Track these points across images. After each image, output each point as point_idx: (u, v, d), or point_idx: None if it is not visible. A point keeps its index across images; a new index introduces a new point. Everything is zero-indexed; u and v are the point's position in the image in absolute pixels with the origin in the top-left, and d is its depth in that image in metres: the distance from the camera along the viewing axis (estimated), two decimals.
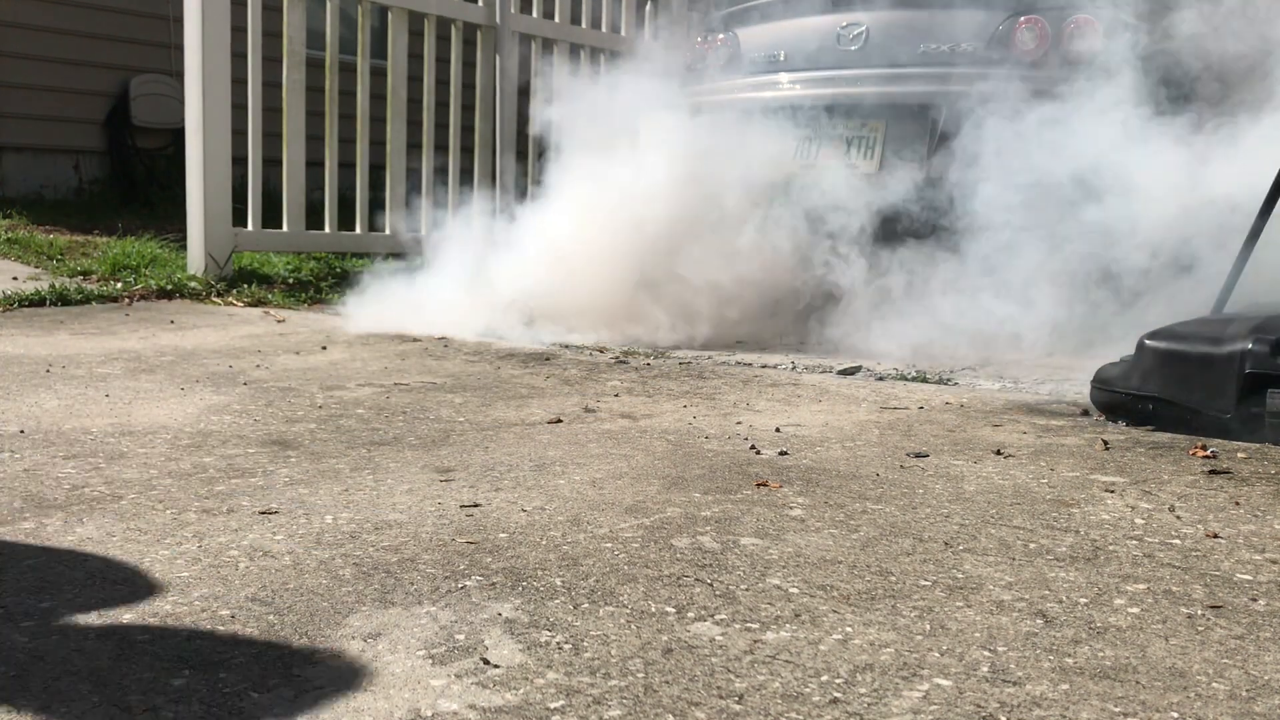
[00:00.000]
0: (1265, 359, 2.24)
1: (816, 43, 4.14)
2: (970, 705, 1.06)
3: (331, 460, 1.96)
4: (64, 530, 1.52)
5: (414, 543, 1.50)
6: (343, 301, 4.22)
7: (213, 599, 1.28)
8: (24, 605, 1.25)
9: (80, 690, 1.05)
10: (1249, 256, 2.65)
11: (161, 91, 7.36)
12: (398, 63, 5.15)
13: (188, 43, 4.37)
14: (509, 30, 5.60)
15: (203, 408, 2.37)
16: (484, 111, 5.62)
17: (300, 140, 4.80)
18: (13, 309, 3.86)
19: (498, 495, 1.75)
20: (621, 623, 1.24)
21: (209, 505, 1.66)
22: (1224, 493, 1.87)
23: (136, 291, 4.26)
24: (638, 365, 3.17)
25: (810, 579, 1.40)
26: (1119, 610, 1.32)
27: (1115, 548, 1.56)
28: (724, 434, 2.26)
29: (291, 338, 3.49)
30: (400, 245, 5.31)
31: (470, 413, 2.42)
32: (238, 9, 4.50)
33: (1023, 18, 3.77)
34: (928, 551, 1.52)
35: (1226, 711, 1.06)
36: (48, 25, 6.92)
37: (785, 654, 1.17)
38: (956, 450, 2.15)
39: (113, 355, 3.02)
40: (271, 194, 4.99)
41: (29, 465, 1.86)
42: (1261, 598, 1.37)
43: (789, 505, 1.73)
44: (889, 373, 3.13)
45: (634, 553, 1.48)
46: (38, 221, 5.90)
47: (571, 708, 1.04)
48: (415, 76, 5.23)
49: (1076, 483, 1.92)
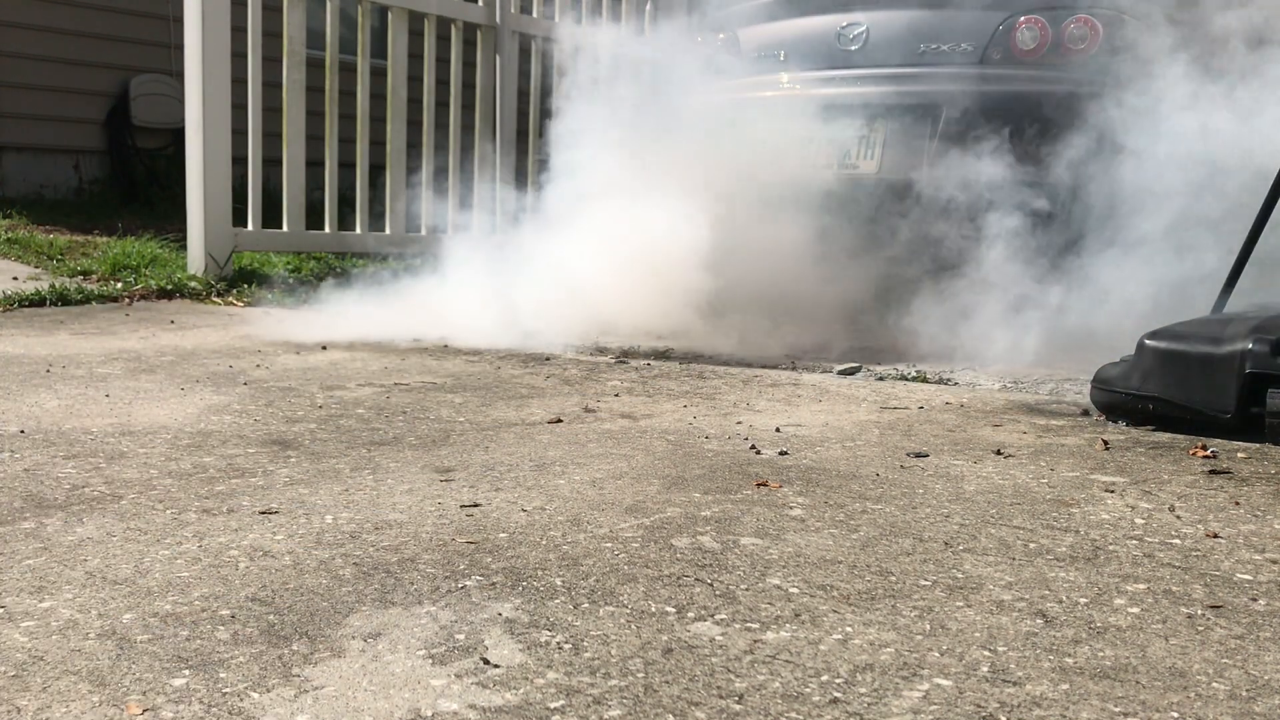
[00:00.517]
0: (1265, 359, 2.24)
1: (820, 42, 4.13)
2: (970, 705, 1.06)
3: (331, 460, 1.96)
4: (64, 530, 1.52)
5: (414, 543, 1.50)
6: (340, 301, 4.23)
7: (213, 599, 1.28)
8: (24, 605, 1.25)
9: (80, 690, 1.05)
10: (1249, 256, 2.65)
11: (161, 91, 7.36)
12: (398, 63, 5.15)
13: (188, 43, 4.37)
14: (509, 30, 5.60)
15: (203, 408, 2.37)
16: (484, 111, 5.63)
17: (300, 140, 4.80)
18: (13, 309, 3.86)
19: (498, 495, 1.75)
20: (621, 622, 1.24)
21: (209, 505, 1.66)
22: (1224, 493, 1.87)
23: (136, 291, 4.26)
24: (638, 365, 3.17)
25: (810, 579, 1.40)
26: (1119, 610, 1.32)
27: (1115, 548, 1.56)
28: (724, 434, 2.26)
29: (291, 337, 3.49)
30: (400, 245, 5.31)
31: (470, 413, 2.42)
32: (238, 9, 4.50)
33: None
34: (928, 551, 1.52)
35: (1226, 711, 1.06)
36: (48, 25, 6.92)
37: (785, 654, 1.17)
38: (957, 450, 2.15)
39: (113, 355, 3.02)
40: (272, 194, 4.99)
41: (29, 465, 1.86)
42: (1261, 598, 1.37)
43: (789, 505, 1.73)
44: (889, 373, 3.13)
45: (634, 553, 1.48)
46: (38, 221, 5.90)
47: (571, 708, 1.04)
48: (415, 76, 5.23)
49: (1076, 483, 1.92)
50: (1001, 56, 3.77)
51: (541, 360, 3.20)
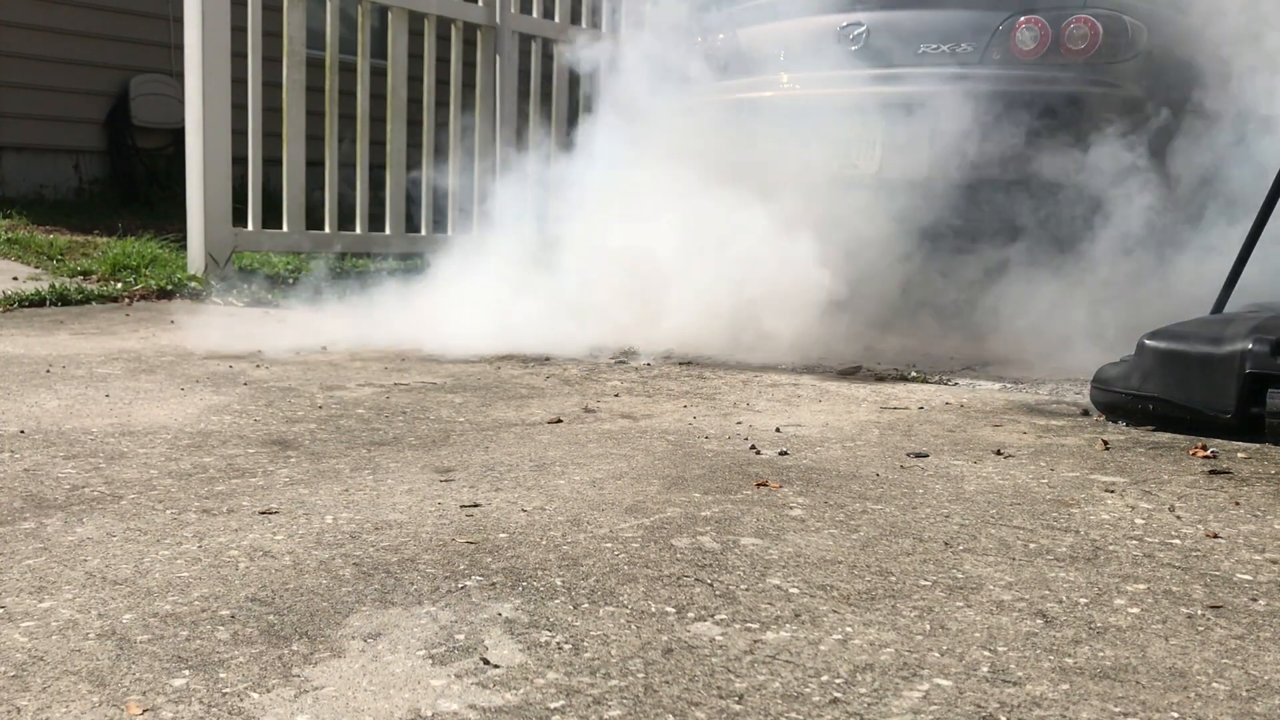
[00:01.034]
0: (1265, 359, 2.24)
1: (818, 42, 4.12)
2: (970, 705, 1.06)
3: (331, 460, 1.96)
4: (64, 530, 1.52)
5: (414, 543, 1.50)
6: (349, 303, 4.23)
7: (213, 599, 1.28)
8: (24, 605, 1.25)
9: (80, 690, 1.05)
10: (1249, 256, 2.65)
11: (161, 91, 7.36)
12: (398, 62, 5.15)
13: (188, 43, 4.37)
14: (509, 30, 5.60)
15: (203, 408, 2.37)
16: (484, 111, 5.62)
17: (300, 140, 4.80)
18: (13, 309, 3.86)
19: (498, 495, 1.75)
20: (621, 623, 1.24)
21: (209, 505, 1.66)
22: (1224, 493, 1.87)
23: (136, 291, 4.26)
24: (638, 365, 3.17)
25: (810, 579, 1.40)
26: (1119, 610, 1.32)
27: (1115, 548, 1.56)
28: (724, 434, 2.26)
29: (291, 337, 3.49)
30: (400, 245, 5.31)
31: (470, 413, 2.42)
32: (238, 9, 4.50)
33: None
34: (928, 551, 1.52)
35: (1226, 711, 1.06)
36: (48, 25, 6.92)
37: (785, 654, 1.17)
38: (956, 450, 2.15)
39: (113, 355, 3.02)
40: (271, 194, 4.99)
41: (29, 465, 1.86)
42: (1261, 598, 1.37)
43: (789, 505, 1.73)
44: (889, 373, 3.13)
45: (634, 553, 1.48)
46: (38, 221, 5.90)
47: (571, 708, 1.04)
48: (415, 76, 5.23)
49: (1076, 483, 1.92)
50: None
51: (541, 360, 3.20)
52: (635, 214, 3.74)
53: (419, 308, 3.85)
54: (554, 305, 3.65)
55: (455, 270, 4.13)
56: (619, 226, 3.74)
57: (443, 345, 3.38)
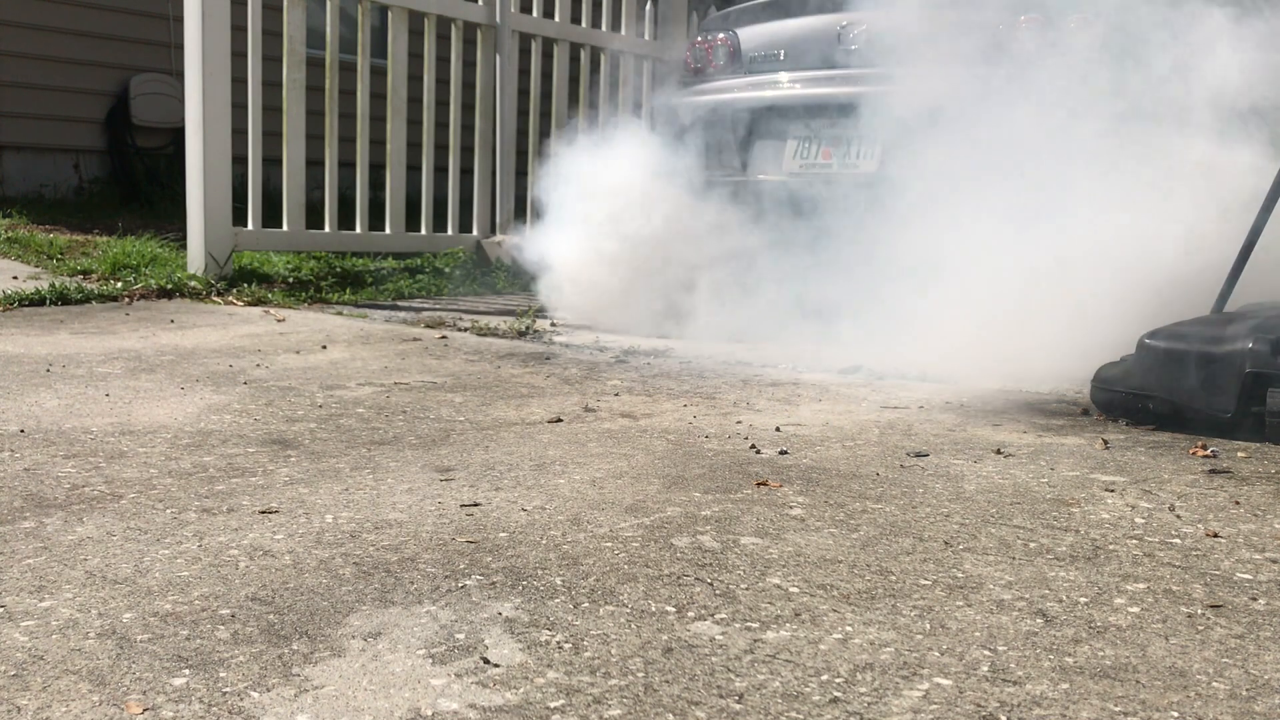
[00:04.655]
0: (1265, 359, 2.24)
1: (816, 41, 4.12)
2: (970, 705, 1.06)
3: (331, 459, 1.96)
4: (64, 530, 1.52)
5: (414, 542, 1.50)
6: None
7: (213, 598, 1.28)
8: (24, 605, 1.25)
9: (80, 690, 1.05)
10: (1249, 256, 2.65)
11: (161, 90, 7.36)
12: (398, 62, 5.14)
13: (188, 42, 4.37)
14: (509, 29, 5.60)
15: (203, 407, 2.37)
16: (484, 111, 5.62)
17: (300, 139, 4.80)
18: (13, 308, 3.86)
19: (498, 495, 1.75)
20: (621, 622, 1.24)
21: (209, 504, 1.66)
22: (1224, 492, 1.87)
23: (136, 291, 4.26)
24: (638, 365, 3.17)
25: (810, 578, 1.40)
26: (1119, 610, 1.32)
27: (1115, 547, 1.56)
28: (724, 433, 2.26)
29: (292, 337, 3.49)
30: (401, 245, 5.31)
31: (470, 412, 2.42)
32: (238, 8, 4.50)
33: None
34: (928, 551, 1.52)
35: (1226, 711, 1.06)
36: (48, 25, 6.92)
37: (785, 653, 1.17)
38: (956, 449, 2.15)
39: (113, 354, 3.02)
40: (271, 193, 4.99)
41: (29, 464, 1.86)
42: (1261, 597, 1.37)
43: (789, 505, 1.73)
44: (889, 372, 3.13)
45: (634, 552, 1.48)
46: (38, 221, 5.90)
47: (571, 707, 1.04)
48: (415, 76, 5.22)
49: (1076, 482, 1.92)
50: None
51: (542, 359, 3.20)
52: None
53: (419, 308, 3.84)
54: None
55: (454, 269, 4.13)
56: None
57: (444, 341, 3.37)
